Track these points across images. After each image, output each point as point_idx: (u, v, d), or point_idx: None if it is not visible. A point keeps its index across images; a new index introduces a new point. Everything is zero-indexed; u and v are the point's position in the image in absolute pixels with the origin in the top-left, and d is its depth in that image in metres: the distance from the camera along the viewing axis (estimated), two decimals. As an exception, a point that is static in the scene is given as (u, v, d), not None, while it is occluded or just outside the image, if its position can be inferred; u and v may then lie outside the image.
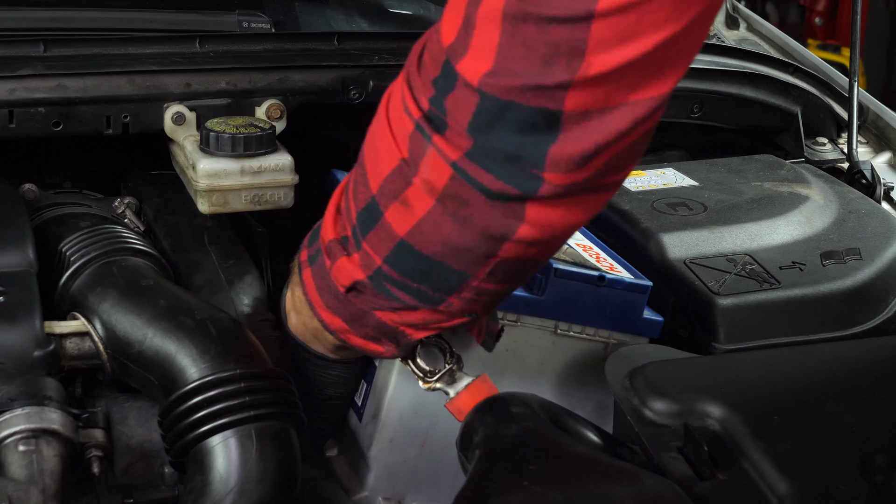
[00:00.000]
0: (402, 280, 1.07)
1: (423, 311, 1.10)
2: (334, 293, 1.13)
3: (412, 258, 1.05)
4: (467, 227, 1.01)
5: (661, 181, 1.57)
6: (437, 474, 1.32)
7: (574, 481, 0.98)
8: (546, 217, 1.00)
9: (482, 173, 0.97)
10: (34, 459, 1.03)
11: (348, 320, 1.14)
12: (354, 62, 1.57)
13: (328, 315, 1.16)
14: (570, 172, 0.96)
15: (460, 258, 1.04)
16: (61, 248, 1.31)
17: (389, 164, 1.02)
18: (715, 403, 1.06)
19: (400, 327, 1.12)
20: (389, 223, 1.04)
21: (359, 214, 1.07)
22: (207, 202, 1.36)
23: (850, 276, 1.37)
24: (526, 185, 0.97)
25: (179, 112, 1.44)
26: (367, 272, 1.09)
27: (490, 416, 1.09)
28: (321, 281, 1.14)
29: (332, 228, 1.12)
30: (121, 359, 1.19)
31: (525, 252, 1.04)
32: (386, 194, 1.03)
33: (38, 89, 1.41)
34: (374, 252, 1.07)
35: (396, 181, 1.02)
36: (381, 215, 1.04)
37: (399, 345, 1.15)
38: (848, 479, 0.98)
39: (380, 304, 1.11)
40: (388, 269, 1.07)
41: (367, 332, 1.15)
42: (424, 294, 1.08)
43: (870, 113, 1.88)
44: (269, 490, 1.08)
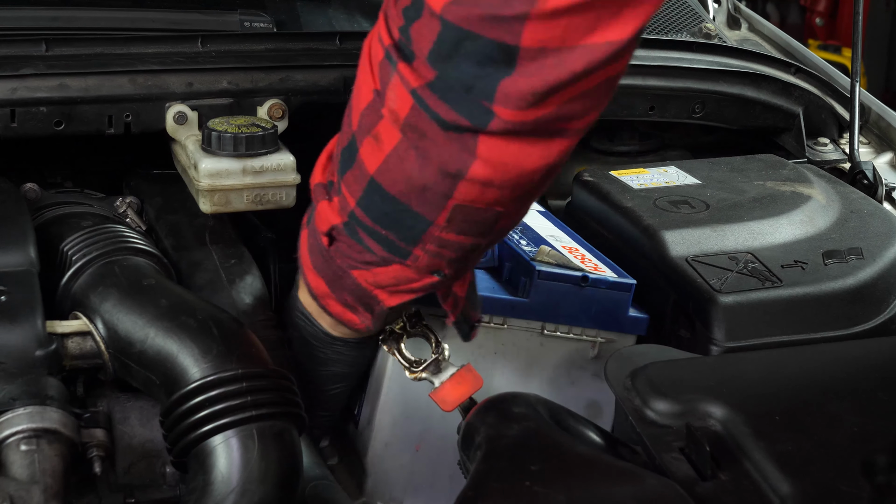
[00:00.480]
0: (372, 226, 1.08)
1: (394, 267, 1.10)
2: (320, 250, 1.14)
3: (380, 199, 1.05)
4: (426, 162, 1.01)
5: (663, 179, 1.57)
6: (433, 478, 1.34)
7: (576, 482, 0.98)
8: (498, 154, 1.00)
9: (439, 103, 0.98)
10: (36, 459, 1.03)
11: (330, 281, 1.15)
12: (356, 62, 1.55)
13: (314, 277, 1.17)
14: (520, 109, 0.96)
15: (422, 199, 1.04)
16: (63, 247, 1.31)
17: (366, 97, 1.04)
18: (717, 404, 1.06)
19: (374, 290, 1.13)
20: (363, 160, 1.05)
21: (340, 155, 1.09)
22: (209, 202, 1.36)
23: (851, 275, 1.38)
24: (477, 117, 0.97)
25: (181, 111, 1.44)
26: (343, 217, 1.10)
27: (492, 417, 1.09)
28: (311, 239, 1.16)
29: (320, 172, 1.14)
30: (122, 358, 1.19)
31: (481, 195, 1.03)
32: (362, 129, 1.05)
33: (39, 88, 1.41)
34: (350, 193, 1.08)
35: (370, 114, 1.03)
36: (356, 153, 1.05)
37: (373, 314, 1.15)
38: (850, 479, 0.98)
39: (354, 259, 1.11)
40: (360, 212, 1.07)
41: (346, 298, 1.15)
42: (393, 244, 1.08)
43: (871, 113, 1.88)
44: (271, 490, 1.08)
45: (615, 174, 1.56)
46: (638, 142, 1.84)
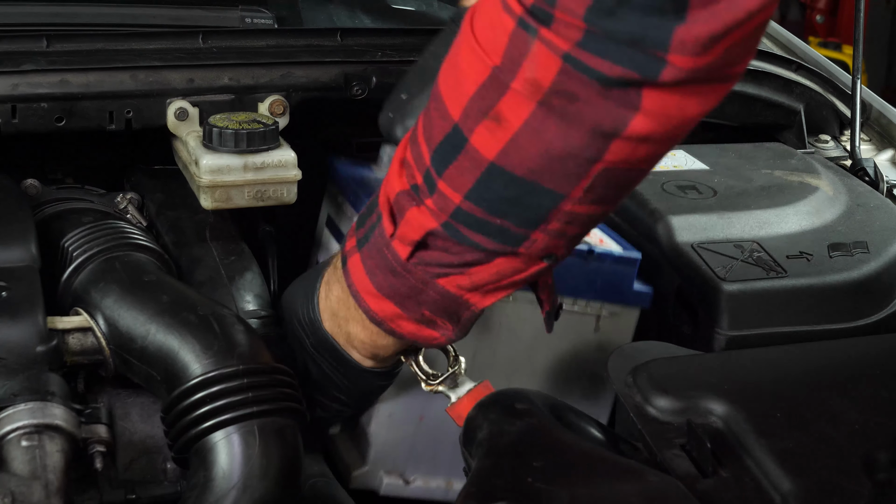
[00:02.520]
0: (483, 218, 1.02)
1: (499, 261, 1.06)
2: (391, 268, 1.08)
3: (501, 184, 1.00)
4: (574, 126, 0.96)
5: (671, 163, 1.57)
6: (436, 449, 1.34)
7: (578, 478, 0.98)
8: (663, 105, 0.96)
9: (598, 60, 0.93)
10: (37, 455, 1.03)
11: (403, 299, 1.10)
12: (357, 58, 1.56)
13: (377, 301, 1.11)
14: (696, 55, 0.92)
15: (560, 172, 0.99)
16: (64, 243, 1.31)
17: (477, 79, 0.98)
18: (718, 400, 1.06)
19: (465, 296, 1.08)
20: (476, 148, 0.99)
21: (434, 153, 1.02)
22: (210, 198, 1.36)
23: (856, 268, 1.37)
24: (648, 68, 0.93)
25: (182, 108, 1.44)
26: (442, 217, 1.04)
27: (494, 413, 1.09)
28: (376, 259, 1.10)
29: (397, 181, 1.07)
30: (123, 354, 1.19)
31: (633, 153, 0.99)
32: (472, 115, 0.99)
33: (40, 84, 1.41)
34: (453, 189, 1.02)
35: (486, 95, 0.98)
36: (464, 142, 1.00)
37: (459, 323, 1.11)
38: (851, 476, 0.98)
39: (447, 263, 1.06)
40: (469, 205, 1.02)
41: (423, 314, 1.11)
42: (507, 232, 1.03)
43: (872, 110, 1.88)
44: (272, 486, 1.08)
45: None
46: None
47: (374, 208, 1.11)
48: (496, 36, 0.96)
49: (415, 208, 1.05)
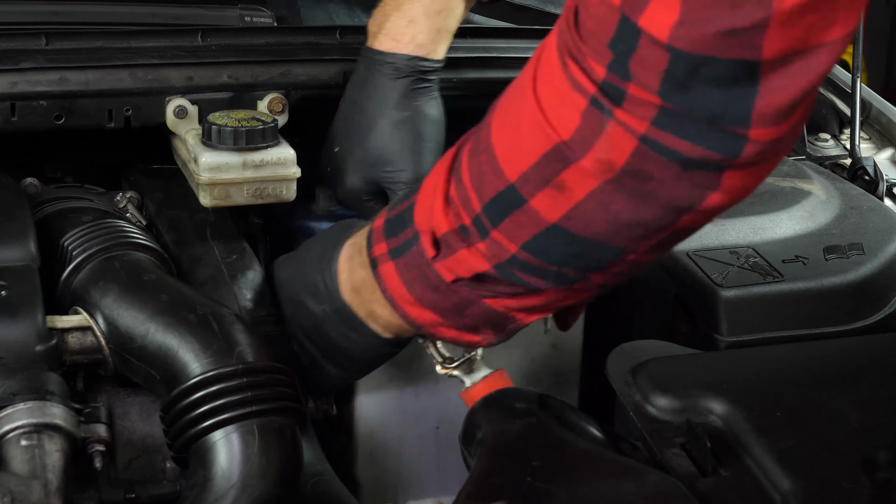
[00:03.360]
0: (540, 266, 1.01)
1: (550, 293, 1.05)
2: (433, 285, 1.07)
3: (563, 242, 0.98)
4: (647, 203, 0.94)
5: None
6: (420, 475, 1.38)
7: (578, 477, 0.98)
8: (742, 181, 0.93)
9: (676, 140, 0.89)
10: (36, 454, 1.03)
11: (445, 312, 1.09)
12: (356, 56, 1.56)
13: (416, 310, 1.10)
14: (776, 125, 0.89)
15: (627, 235, 0.97)
16: (63, 242, 1.31)
17: (537, 149, 0.95)
18: (717, 399, 1.06)
19: (511, 313, 1.08)
20: (536, 210, 0.97)
21: (487, 204, 1.00)
22: (209, 196, 1.36)
23: (852, 270, 1.38)
24: (729, 147, 0.89)
25: (181, 105, 1.44)
26: (495, 262, 1.02)
27: (493, 412, 1.09)
28: (414, 273, 1.08)
29: (443, 217, 1.05)
30: (123, 354, 1.19)
31: (703, 221, 0.98)
32: (532, 182, 0.96)
33: (39, 82, 1.41)
34: (509, 240, 1.00)
35: (549, 166, 0.95)
36: (522, 202, 0.98)
37: (502, 332, 1.10)
38: (851, 475, 0.98)
39: (496, 292, 1.05)
40: (527, 255, 1.00)
41: (466, 323, 1.10)
42: (564, 276, 1.02)
43: (872, 109, 1.87)
44: (271, 486, 1.08)
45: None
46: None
47: (408, 222, 1.09)
48: (567, 114, 0.93)
49: (465, 250, 1.04)
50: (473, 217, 1.02)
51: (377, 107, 1.37)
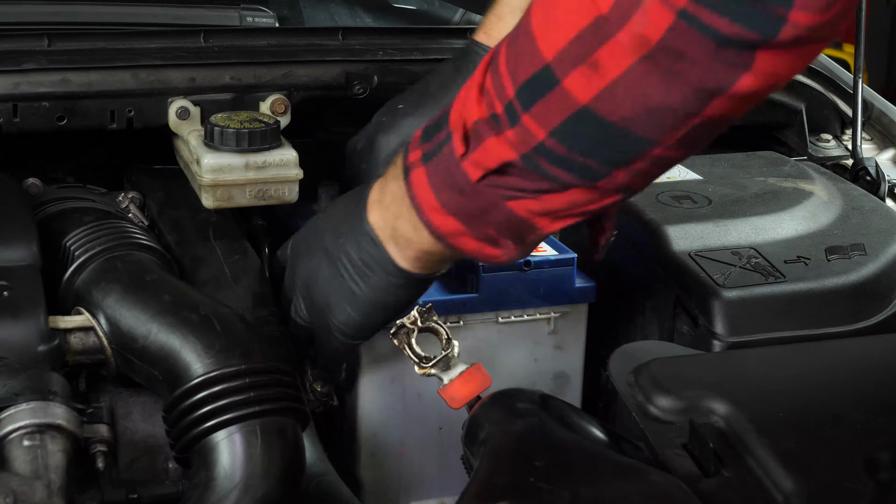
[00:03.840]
0: (566, 155, 1.00)
1: (574, 192, 1.04)
2: (459, 187, 1.07)
3: (591, 127, 0.98)
4: (677, 83, 0.94)
5: (664, 174, 1.57)
6: (422, 476, 1.38)
7: (580, 478, 0.98)
8: (773, 65, 0.93)
9: (715, 17, 0.90)
10: (39, 454, 1.03)
11: (469, 218, 1.08)
12: (358, 57, 1.57)
13: (441, 217, 1.09)
14: (819, 12, 0.89)
15: (655, 122, 0.97)
16: (65, 242, 1.31)
17: (577, 24, 0.95)
18: (720, 400, 1.06)
19: (534, 219, 1.07)
20: (568, 91, 0.97)
21: (521, 87, 1.00)
22: (212, 197, 1.36)
23: (854, 271, 1.38)
24: (767, 27, 0.90)
25: (184, 107, 1.44)
26: (523, 150, 1.01)
27: (496, 412, 1.09)
28: (442, 176, 1.08)
29: (476, 106, 1.04)
30: (125, 354, 1.19)
31: (732, 109, 0.97)
32: (567, 59, 0.96)
33: (42, 83, 1.41)
34: (539, 125, 0.99)
35: (585, 42, 0.95)
36: (556, 83, 0.97)
37: (523, 243, 1.10)
38: (853, 476, 0.98)
39: (521, 190, 1.05)
40: (553, 142, 1.00)
41: (488, 233, 1.09)
42: (588, 169, 1.01)
43: (874, 109, 1.88)
44: (274, 486, 1.08)
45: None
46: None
47: (443, 125, 1.09)
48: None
49: (493, 138, 1.03)
50: (506, 104, 1.01)
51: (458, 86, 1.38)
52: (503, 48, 1.03)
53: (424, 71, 1.57)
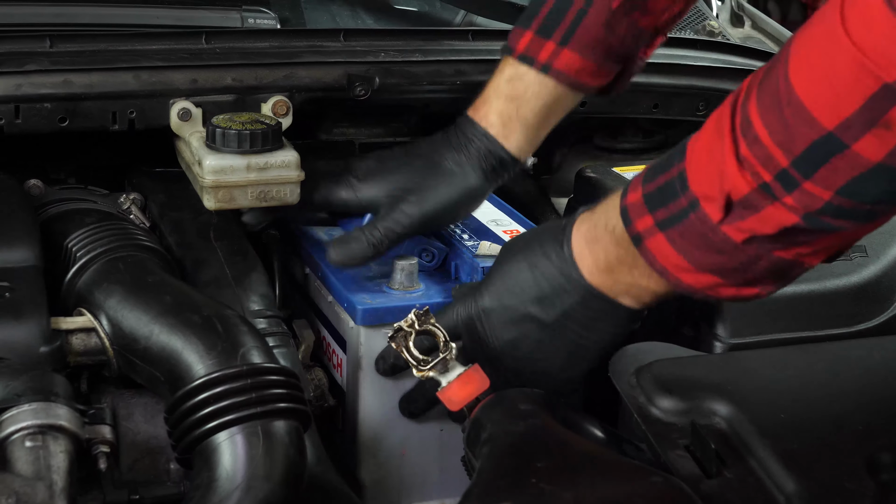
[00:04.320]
0: (852, 207, 1.00)
1: (850, 231, 1.04)
2: (717, 248, 1.06)
3: (885, 179, 0.98)
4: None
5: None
6: (423, 477, 1.37)
7: (582, 479, 0.98)
8: None
9: None
10: (41, 455, 1.03)
11: (727, 273, 1.08)
12: (360, 59, 1.57)
13: (692, 276, 1.10)
14: None
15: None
16: (67, 243, 1.31)
17: (861, 93, 0.94)
18: (721, 401, 1.06)
19: (802, 259, 1.06)
20: (858, 153, 0.97)
21: (798, 158, 0.99)
22: (213, 198, 1.36)
23: (856, 273, 1.38)
24: None
25: (185, 108, 1.44)
26: (805, 212, 1.01)
27: (498, 414, 1.09)
28: (692, 240, 1.07)
29: (739, 178, 1.03)
30: (127, 355, 1.19)
31: None
32: (856, 125, 0.96)
33: (44, 85, 1.41)
34: (824, 188, 0.99)
35: (876, 107, 0.94)
36: (843, 148, 0.97)
37: (784, 279, 1.09)
38: (855, 477, 0.98)
39: (794, 243, 1.05)
40: (841, 200, 1.00)
41: (748, 278, 1.08)
42: (874, 213, 1.02)
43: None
44: (276, 487, 1.08)
45: (617, 170, 1.56)
46: (641, 139, 1.84)
47: (677, 192, 1.08)
48: (890, 51, 0.93)
49: (771, 207, 1.02)
50: (778, 172, 1.01)
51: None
52: (755, 116, 1.02)
53: (426, 72, 1.57)
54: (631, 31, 1.40)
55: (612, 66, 1.41)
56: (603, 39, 1.39)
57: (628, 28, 1.39)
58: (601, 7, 1.38)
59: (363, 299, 1.33)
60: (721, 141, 1.04)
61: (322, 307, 1.41)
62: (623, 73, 1.44)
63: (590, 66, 1.39)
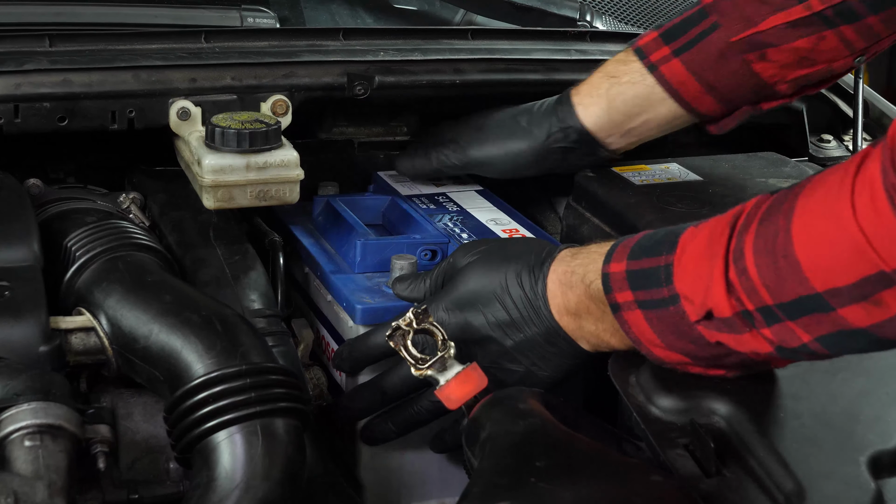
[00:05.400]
0: (825, 353, 1.02)
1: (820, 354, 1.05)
2: (691, 338, 1.07)
3: (866, 341, 0.99)
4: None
5: (665, 175, 1.57)
6: (424, 476, 1.37)
7: (581, 478, 0.98)
8: None
9: None
10: (40, 455, 1.03)
11: (697, 358, 1.09)
12: (359, 58, 1.57)
13: (664, 352, 1.10)
14: None
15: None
16: (66, 243, 1.31)
17: (857, 271, 0.95)
18: (721, 400, 1.06)
19: (769, 360, 1.07)
20: (844, 318, 0.97)
21: (785, 304, 1.00)
22: (213, 197, 1.36)
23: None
24: None
25: (185, 107, 1.44)
26: (779, 345, 1.03)
27: (497, 413, 1.09)
28: (668, 326, 1.08)
29: (726, 303, 1.03)
30: (126, 354, 1.19)
31: None
32: (844, 296, 0.96)
33: (43, 84, 1.41)
34: (805, 332, 1.00)
35: (868, 287, 0.95)
36: (829, 310, 0.98)
37: (753, 370, 1.10)
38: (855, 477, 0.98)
39: (765, 355, 1.06)
40: (818, 346, 1.01)
41: (717, 364, 1.10)
42: (843, 350, 1.03)
43: (874, 110, 1.87)
44: (275, 486, 1.07)
45: (617, 170, 1.56)
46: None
47: (660, 280, 1.09)
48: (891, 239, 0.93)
49: (748, 334, 1.04)
50: (761, 307, 1.01)
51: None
52: (749, 252, 1.02)
53: (425, 71, 1.57)
54: (743, 70, 1.42)
55: (715, 97, 1.45)
56: (712, 67, 1.42)
57: (740, 66, 1.42)
58: (722, 35, 1.41)
59: (362, 298, 1.33)
60: (712, 258, 1.05)
61: (321, 307, 1.41)
62: (729, 114, 1.48)
63: (694, 85, 1.44)
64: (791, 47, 1.39)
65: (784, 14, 1.38)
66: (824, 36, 1.39)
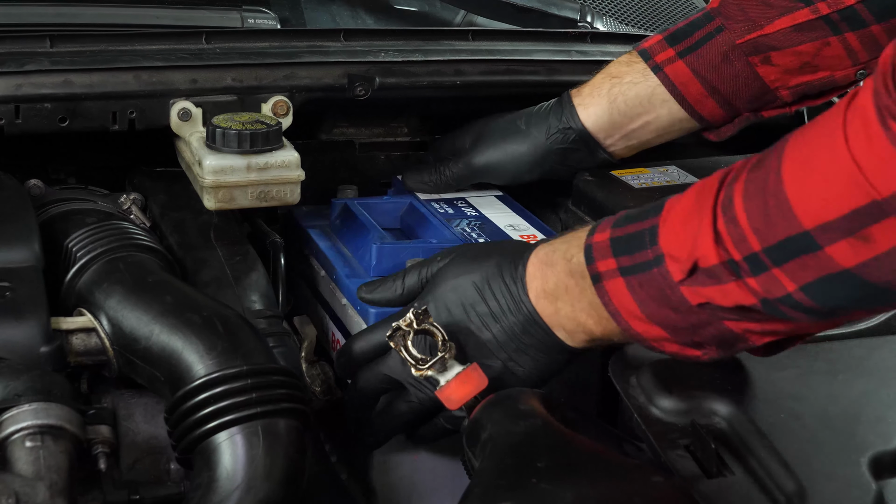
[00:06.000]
0: (813, 306, 1.00)
1: (803, 324, 1.04)
2: (672, 305, 1.06)
3: (850, 286, 0.97)
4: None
5: (664, 178, 1.57)
6: (435, 482, 1.36)
7: (582, 479, 0.98)
8: None
9: None
10: (41, 455, 1.03)
11: (676, 330, 1.08)
12: (360, 58, 1.57)
13: (642, 325, 1.09)
14: None
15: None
16: (67, 243, 1.31)
17: (848, 203, 0.94)
18: (722, 401, 1.06)
19: (749, 336, 1.06)
20: (830, 256, 0.96)
21: (771, 247, 0.99)
22: (213, 198, 1.36)
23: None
24: None
25: (185, 108, 1.44)
26: (765, 297, 1.01)
27: (498, 413, 1.09)
28: (650, 292, 1.08)
29: (713, 252, 1.03)
30: (127, 355, 1.19)
31: None
32: (833, 231, 0.95)
33: (44, 85, 1.41)
34: (790, 280, 0.99)
35: (858, 219, 0.94)
36: (815, 248, 0.96)
37: (728, 350, 1.09)
38: (856, 478, 0.98)
39: (745, 318, 1.05)
40: (803, 296, 0.99)
41: (694, 340, 1.09)
42: (832, 313, 1.02)
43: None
44: (276, 487, 1.08)
45: (616, 174, 1.56)
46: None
47: (645, 243, 1.08)
48: (893, 175, 0.91)
49: (734, 283, 1.02)
50: (748, 255, 1.01)
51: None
52: (738, 198, 1.02)
53: (426, 72, 1.57)
54: (746, 73, 1.43)
55: (717, 101, 1.45)
56: (716, 69, 1.43)
57: (744, 69, 1.42)
58: (727, 37, 1.42)
59: None
60: (700, 212, 1.05)
61: (335, 309, 1.41)
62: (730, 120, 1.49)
63: (697, 87, 1.44)
64: (795, 51, 1.40)
65: (790, 17, 1.38)
66: (829, 42, 1.39)
